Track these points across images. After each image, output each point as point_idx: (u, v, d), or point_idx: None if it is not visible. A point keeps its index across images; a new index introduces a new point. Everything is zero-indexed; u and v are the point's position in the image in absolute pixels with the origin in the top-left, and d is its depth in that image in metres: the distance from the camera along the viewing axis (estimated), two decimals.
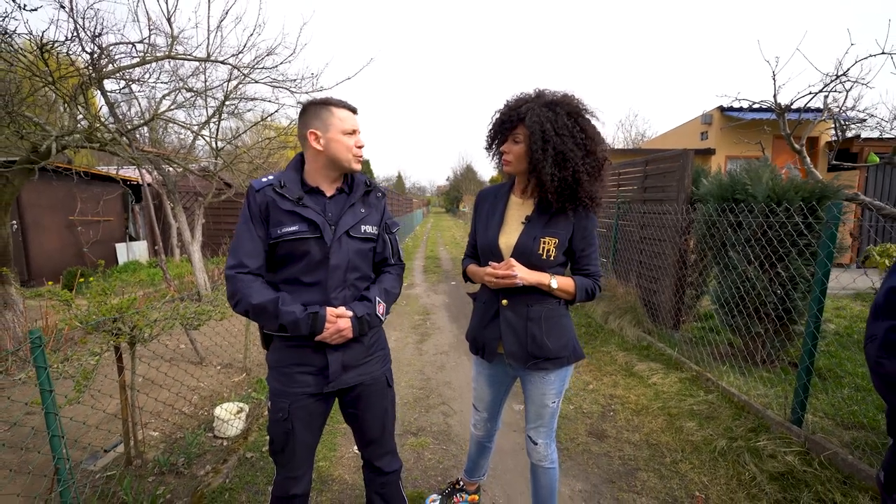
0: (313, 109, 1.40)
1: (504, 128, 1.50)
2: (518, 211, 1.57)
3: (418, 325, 5.35)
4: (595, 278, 1.53)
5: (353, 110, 1.44)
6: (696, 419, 2.84)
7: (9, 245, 3.93)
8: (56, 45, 2.81)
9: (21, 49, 3.31)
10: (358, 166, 1.47)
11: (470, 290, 1.77)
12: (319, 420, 1.53)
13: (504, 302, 1.53)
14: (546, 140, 1.37)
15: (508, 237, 1.54)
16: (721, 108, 7.85)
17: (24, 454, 2.48)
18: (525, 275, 1.43)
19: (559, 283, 1.47)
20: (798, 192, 3.05)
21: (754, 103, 4.71)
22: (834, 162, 5.21)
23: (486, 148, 1.61)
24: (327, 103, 1.40)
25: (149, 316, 2.34)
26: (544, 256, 1.47)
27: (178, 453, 2.50)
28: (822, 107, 4.40)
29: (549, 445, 1.66)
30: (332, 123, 1.38)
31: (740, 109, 7.35)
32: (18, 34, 2.93)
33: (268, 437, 1.52)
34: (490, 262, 1.50)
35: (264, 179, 1.40)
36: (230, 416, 2.70)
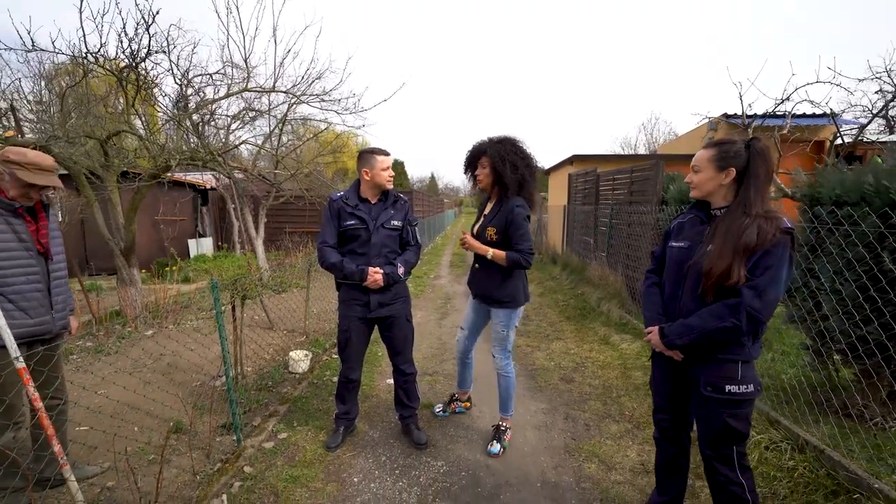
0: (366, 156, 2.43)
1: (473, 160, 2.50)
2: (486, 211, 2.56)
3: (440, 307, 6.39)
4: (523, 253, 2.39)
5: (388, 154, 2.47)
6: (643, 370, 3.70)
7: (135, 238, 5.27)
8: (181, 102, 4.07)
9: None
10: (390, 186, 2.48)
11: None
12: (365, 336, 2.58)
13: (476, 266, 2.54)
14: (503, 159, 2.34)
15: (477, 225, 2.54)
16: (725, 115, 8.37)
17: (170, 374, 3.71)
18: (473, 243, 2.43)
19: (494, 254, 2.41)
20: None
21: (725, 118, 5.42)
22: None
23: (465, 173, 2.61)
24: (374, 152, 2.43)
25: (251, 283, 3.49)
26: (488, 238, 2.45)
27: (267, 379, 3.64)
28: (784, 116, 5.08)
29: (505, 359, 2.62)
30: (375, 165, 2.41)
31: (739, 117, 7.87)
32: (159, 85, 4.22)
33: (336, 350, 2.58)
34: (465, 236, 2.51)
35: (338, 195, 2.45)
36: (301, 357, 3.83)
